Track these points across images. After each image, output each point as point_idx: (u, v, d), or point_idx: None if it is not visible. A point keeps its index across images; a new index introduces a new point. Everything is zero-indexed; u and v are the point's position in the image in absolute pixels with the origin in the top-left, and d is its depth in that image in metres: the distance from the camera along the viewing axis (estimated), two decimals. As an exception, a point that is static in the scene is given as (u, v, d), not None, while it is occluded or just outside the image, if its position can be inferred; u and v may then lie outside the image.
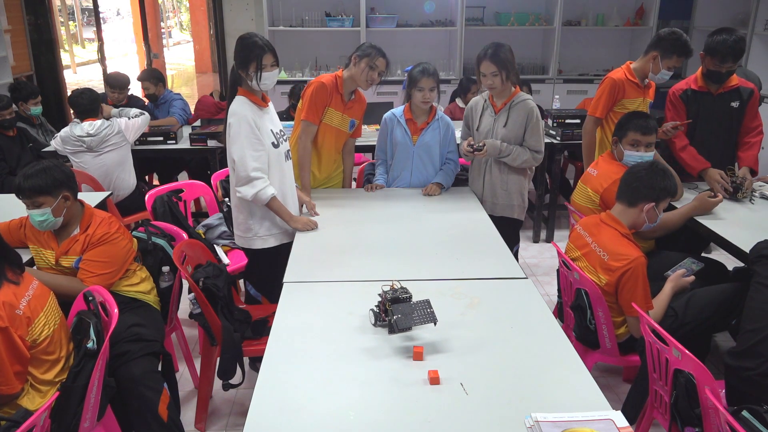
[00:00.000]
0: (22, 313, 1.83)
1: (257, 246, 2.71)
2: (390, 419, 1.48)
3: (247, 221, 2.68)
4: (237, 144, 2.52)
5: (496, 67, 2.87)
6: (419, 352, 1.70)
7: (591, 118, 3.42)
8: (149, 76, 4.82)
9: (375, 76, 2.97)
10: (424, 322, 1.75)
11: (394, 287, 1.86)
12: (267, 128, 2.61)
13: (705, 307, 2.30)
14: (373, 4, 6.16)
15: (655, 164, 2.43)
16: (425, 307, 1.78)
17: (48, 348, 1.91)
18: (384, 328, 1.85)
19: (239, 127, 2.51)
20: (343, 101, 3.03)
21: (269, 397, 1.56)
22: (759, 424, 1.54)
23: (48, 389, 1.92)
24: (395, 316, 1.74)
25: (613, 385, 2.81)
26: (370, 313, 1.89)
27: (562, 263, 2.48)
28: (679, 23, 6.41)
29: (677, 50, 3.14)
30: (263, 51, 2.50)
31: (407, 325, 1.75)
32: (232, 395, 2.74)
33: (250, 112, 2.53)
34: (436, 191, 3.13)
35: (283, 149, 2.70)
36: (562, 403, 1.53)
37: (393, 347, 1.76)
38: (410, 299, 1.82)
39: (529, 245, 4.54)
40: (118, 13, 19.73)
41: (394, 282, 1.88)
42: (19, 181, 2.21)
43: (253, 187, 2.54)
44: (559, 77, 6.28)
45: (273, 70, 2.56)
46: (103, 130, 3.70)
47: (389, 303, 1.80)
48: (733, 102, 3.12)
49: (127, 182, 3.90)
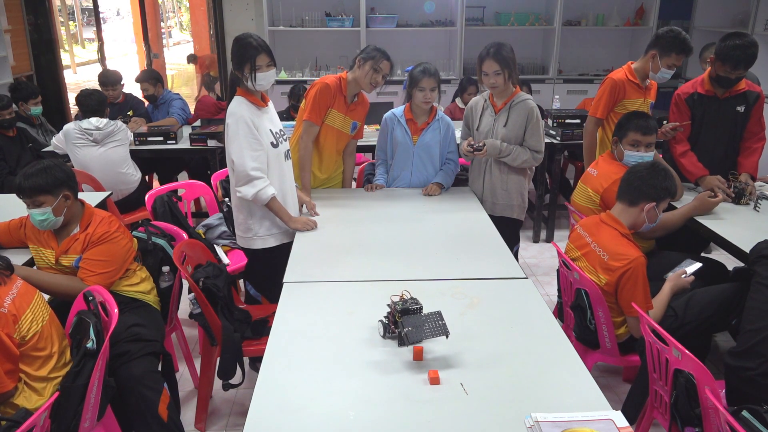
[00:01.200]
0: (7, 311, 1.84)
1: (257, 246, 2.71)
2: (390, 419, 1.48)
3: (246, 221, 2.68)
4: (235, 144, 2.52)
5: (499, 65, 2.87)
6: (419, 351, 1.70)
7: (592, 118, 3.41)
8: (148, 77, 4.81)
9: (379, 79, 2.96)
10: (436, 335, 1.67)
11: (403, 297, 1.78)
12: (266, 128, 2.60)
13: (705, 307, 2.30)
14: (373, 4, 6.16)
15: (656, 164, 2.44)
16: (437, 319, 1.70)
17: (38, 344, 1.91)
18: (393, 340, 1.79)
19: (237, 127, 2.51)
20: (346, 103, 3.03)
21: (269, 397, 1.56)
22: (759, 424, 1.54)
23: (44, 386, 1.92)
24: (406, 328, 1.67)
25: (613, 385, 2.81)
26: (379, 324, 1.82)
27: (562, 263, 2.48)
28: (679, 23, 6.40)
29: (675, 48, 3.12)
30: (257, 51, 2.50)
31: (418, 339, 1.66)
32: (232, 395, 2.74)
33: (247, 112, 2.53)
34: (436, 191, 3.13)
35: (283, 149, 2.70)
36: (562, 403, 1.53)
37: (393, 347, 1.76)
38: (421, 310, 1.75)
39: (529, 245, 4.54)
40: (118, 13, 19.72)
41: (403, 292, 1.80)
42: (19, 180, 2.21)
43: (254, 187, 2.54)
44: (559, 77, 6.28)
45: (269, 70, 2.55)
46: (110, 126, 3.79)
47: (399, 314, 1.72)
48: (739, 106, 3.08)
49: (133, 176, 3.95)
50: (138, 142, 4.18)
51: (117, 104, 4.73)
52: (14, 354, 1.83)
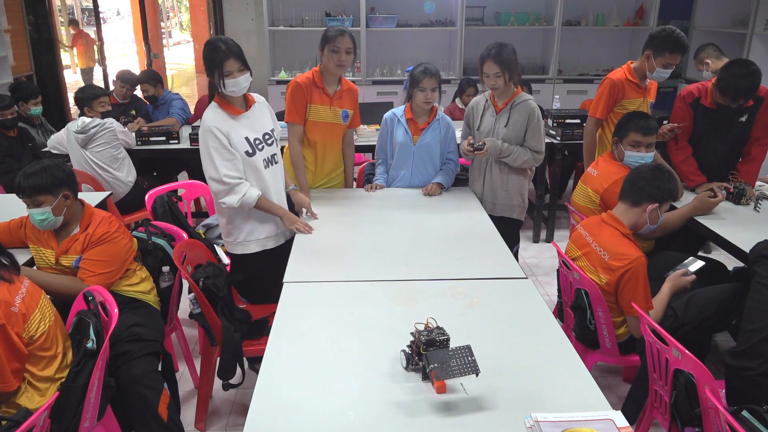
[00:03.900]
0: (18, 310, 1.83)
1: (238, 251, 2.70)
2: (390, 419, 1.48)
3: (227, 226, 2.66)
4: (206, 157, 2.48)
5: (499, 67, 2.86)
6: (442, 385, 1.61)
7: (592, 119, 3.41)
8: (149, 78, 4.82)
9: (343, 58, 2.87)
10: (465, 373, 1.51)
11: (429, 326, 1.63)
12: (240, 136, 2.51)
13: (705, 307, 2.30)
14: (373, 4, 6.16)
15: (660, 166, 2.44)
16: (466, 354, 1.54)
17: (44, 344, 1.91)
18: (417, 372, 1.65)
19: (205, 138, 2.46)
20: (326, 94, 3.00)
21: (269, 397, 1.56)
22: (759, 424, 1.54)
23: (47, 387, 1.92)
24: (432, 365, 1.52)
25: (613, 385, 2.81)
26: (402, 354, 1.67)
27: (562, 263, 2.48)
28: (678, 23, 6.41)
29: (668, 47, 3.09)
30: (226, 56, 2.39)
31: (445, 377, 1.52)
32: (232, 395, 2.74)
33: (216, 122, 2.46)
34: (436, 191, 3.13)
35: (262, 156, 2.59)
36: (562, 403, 1.53)
37: (393, 347, 1.76)
38: (448, 342, 1.59)
39: (529, 245, 4.54)
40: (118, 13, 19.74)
41: (429, 320, 1.65)
42: (19, 179, 2.21)
43: (237, 194, 2.49)
44: (559, 77, 6.28)
45: (240, 75, 2.43)
46: (92, 128, 3.72)
47: (424, 346, 1.58)
48: (742, 117, 3.04)
49: (123, 178, 3.89)
50: (140, 142, 4.17)
51: (122, 105, 4.74)
52: (23, 353, 1.84)
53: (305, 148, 3.07)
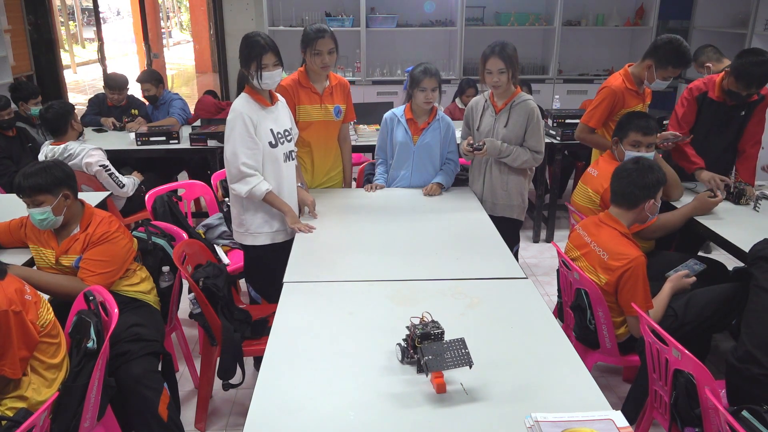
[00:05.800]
0: (31, 298, 1.87)
1: (248, 242, 2.73)
2: (390, 419, 1.48)
3: (240, 215, 2.70)
4: (230, 140, 2.55)
5: (504, 63, 2.86)
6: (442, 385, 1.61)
7: (584, 126, 3.29)
8: (150, 78, 4.81)
9: (326, 59, 2.88)
10: (459, 364, 1.55)
11: (424, 320, 1.67)
12: (267, 127, 2.61)
13: (705, 308, 2.30)
14: (373, 4, 6.16)
15: (639, 163, 2.40)
16: (459, 347, 1.58)
17: (52, 331, 1.93)
18: (412, 366, 1.68)
19: (234, 123, 2.54)
20: (315, 92, 3.00)
21: (269, 397, 1.56)
22: (759, 424, 1.54)
23: (55, 376, 1.93)
24: (426, 356, 1.55)
25: (613, 385, 2.81)
26: (397, 348, 1.71)
27: (562, 263, 2.48)
28: (678, 23, 6.42)
29: (673, 61, 3.00)
30: (264, 50, 2.51)
31: (439, 368, 1.55)
32: (232, 395, 2.74)
33: (248, 110, 2.55)
34: (436, 191, 3.13)
35: (283, 150, 2.68)
36: (562, 403, 1.53)
37: (393, 347, 1.76)
38: (442, 335, 1.63)
39: (529, 245, 4.54)
40: (118, 13, 19.74)
41: (424, 314, 1.70)
42: (19, 179, 2.21)
43: (247, 184, 2.56)
44: (559, 77, 6.28)
45: (275, 69, 2.55)
46: (64, 157, 3.42)
47: (419, 339, 1.61)
48: (742, 111, 3.05)
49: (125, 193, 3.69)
50: (140, 142, 4.18)
51: (120, 107, 4.74)
52: (34, 341, 1.85)
53: (300, 149, 3.07)
